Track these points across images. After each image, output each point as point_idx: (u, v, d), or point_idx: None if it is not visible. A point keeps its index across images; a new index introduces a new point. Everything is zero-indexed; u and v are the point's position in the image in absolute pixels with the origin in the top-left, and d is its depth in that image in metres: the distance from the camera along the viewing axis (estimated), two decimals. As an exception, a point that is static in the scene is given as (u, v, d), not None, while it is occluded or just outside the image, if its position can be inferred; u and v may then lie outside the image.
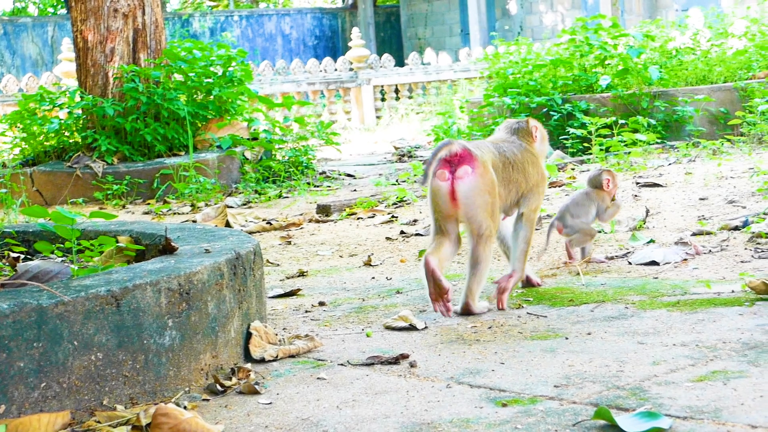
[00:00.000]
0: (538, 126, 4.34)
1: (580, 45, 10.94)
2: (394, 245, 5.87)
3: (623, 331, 3.56)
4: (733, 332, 3.42)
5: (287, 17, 30.68)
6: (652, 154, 8.92)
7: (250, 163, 9.74)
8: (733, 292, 4.00)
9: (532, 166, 4.19)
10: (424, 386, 3.08)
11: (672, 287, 4.22)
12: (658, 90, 10.24)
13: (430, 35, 30.30)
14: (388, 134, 16.26)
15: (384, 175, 9.85)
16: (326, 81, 19.15)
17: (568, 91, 10.66)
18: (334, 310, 4.26)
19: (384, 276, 4.97)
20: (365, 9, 30.54)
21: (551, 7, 27.79)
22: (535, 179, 4.19)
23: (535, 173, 4.20)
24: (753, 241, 5.06)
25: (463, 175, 3.87)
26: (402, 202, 7.50)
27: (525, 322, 3.81)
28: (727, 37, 11.81)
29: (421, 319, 3.94)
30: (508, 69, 10.93)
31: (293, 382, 3.23)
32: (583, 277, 4.59)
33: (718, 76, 10.85)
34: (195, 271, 3.24)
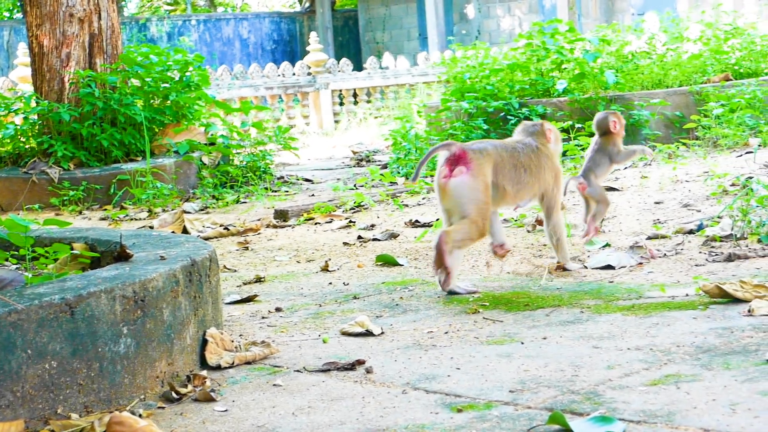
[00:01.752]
0: (552, 128, 4.70)
1: (536, 49, 10.97)
2: (352, 250, 5.87)
3: (578, 336, 3.58)
4: (687, 336, 3.44)
5: (245, 21, 30.61)
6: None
7: (208, 168, 9.71)
8: (688, 296, 4.03)
9: (546, 165, 4.59)
10: (380, 392, 3.09)
11: (627, 291, 4.25)
12: (614, 94, 10.29)
13: (388, 39, 30.32)
14: (347, 139, 16.26)
15: (342, 180, 9.85)
16: (284, 85, 19.12)
17: (525, 96, 10.68)
18: (291, 316, 4.26)
19: (341, 281, 4.97)
20: (323, 13, 30.52)
21: (509, 12, 27.88)
22: (549, 176, 4.60)
23: (549, 171, 4.60)
24: (707, 244, 5.10)
25: (457, 174, 4.31)
26: (360, 207, 7.50)
27: (481, 327, 3.82)
28: (682, 42, 11.89)
29: (377, 324, 3.94)
30: (465, 73, 10.94)
31: (249, 389, 3.22)
32: (543, 279, 4.61)
33: (674, 80, 10.92)
34: (150, 278, 3.23)
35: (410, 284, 4.74)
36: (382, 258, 5.39)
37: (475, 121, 10.26)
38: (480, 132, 10.17)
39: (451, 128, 10.37)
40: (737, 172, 7.30)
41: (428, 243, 5.85)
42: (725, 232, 5.20)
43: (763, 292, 3.82)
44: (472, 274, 4.92)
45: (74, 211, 8.78)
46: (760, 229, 5.07)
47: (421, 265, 5.27)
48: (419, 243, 5.89)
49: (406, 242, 5.99)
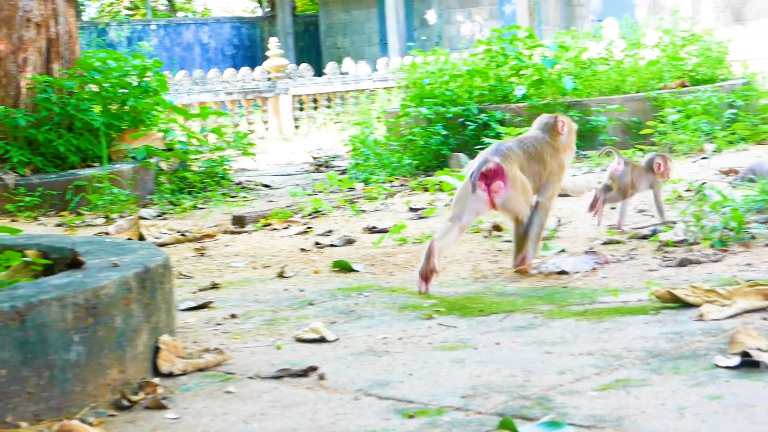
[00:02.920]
0: (566, 121, 4.97)
1: (495, 55, 11.00)
2: (309, 256, 5.87)
3: (531, 341, 3.59)
4: (638, 341, 3.47)
5: (205, 27, 30.53)
6: (566, 163, 8.99)
7: (166, 174, 9.68)
8: (640, 301, 4.06)
9: (551, 157, 4.87)
10: (332, 398, 3.09)
11: (580, 296, 4.28)
12: (572, 100, 10.34)
13: (349, 45, 30.32)
14: (307, 144, 16.24)
15: (301, 186, 9.84)
16: (244, 90, 19.07)
17: (484, 101, 10.71)
18: (246, 323, 4.25)
19: (297, 287, 4.97)
20: (284, 18, 30.49)
21: (469, 17, 27.96)
22: (552, 168, 4.87)
23: (553, 162, 4.87)
24: (661, 249, 5.15)
25: (498, 190, 4.62)
26: (318, 213, 7.49)
27: (435, 333, 3.83)
28: (640, 48, 11.96)
29: (332, 330, 3.94)
30: (425, 79, 10.96)
31: (201, 396, 3.22)
32: (495, 285, 4.64)
33: (631, 87, 10.99)
34: (102, 286, 3.21)
35: (366, 290, 4.75)
36: (339, 264, 5.39)
37: (434, 126, 10.28)
38: (439, 138, 10.20)
39: (410, 134, 10.39)
40: (692, 177, 7.36)
41: (385, 248, 5.86)
42: (679, 238, 5.24)
43: (714, 296, 3.85)
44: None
45: (30, 217, 8.72)
46: (713, 235, 5.12)
47: (377, 271, 5.28)
48: (376, 249, 5.90)
49: (363, 248, 6.00)
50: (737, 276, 4.39)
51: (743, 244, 5.03)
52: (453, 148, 10.23)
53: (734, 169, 7.46)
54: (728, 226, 5.14)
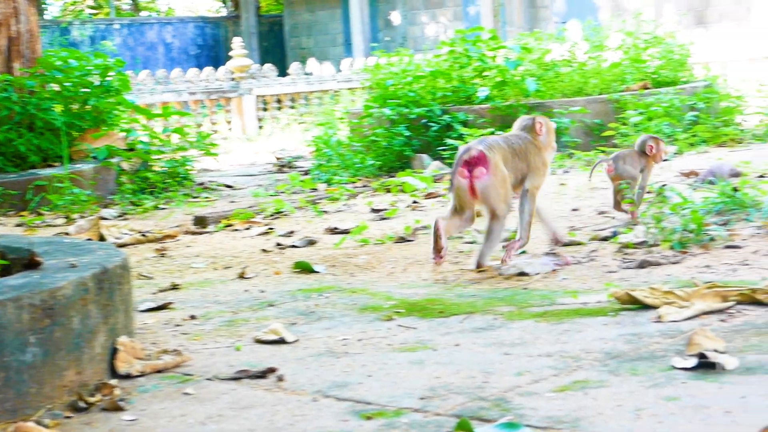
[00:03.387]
0: (543, 122, 5.19)
1: (459, 57, 11.01)
2: (270, 257, 5.85)
3: (491, 342, 3.60)
4: (597, 342, 3.48)
5: (169, 26, 30.42)
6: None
7: (127, 174, 9.63)
8: (599, 303, 4.08)
9: (534, 154, 5.09)
10: (290, 400, 3.08)
11: (540, 298, 4.29)
12: (535, 102, 10.37)
13: (313, 45, 30.29)
14: (270, 144, 16.21)
15: (263, 186, 9.82)
16: (208, 90, 19.02)
17: (447, 103, 10.72)
18: (205, 324, 4.23)
19: (257, 288, 4.95)
20: (248, 18, 30.42)
21: (433, 18, 28.00)
22: (536, 164, 5.08)
23: (536, 159, 5.09)
24: (621, 251, 5.17)
25: (480, 176, 4.83)
26: (279, 214, 7.47)
27: (395, 334, 3.83)
28: (603, 50, 12.00)
29: (292, 332, 3.93)
30: (388, 80, 10.95)
31: (159, 397, 3.20)
32: (456, 287, 4.64)
33: (594, 88, 11.03)
34: (59, 287, 3.19)
35: (326, 291, 4.74)
36: (300, 265, 5.38)
37: (397, 127, 10.28)
38: (402, 138, 10.20)
39: (373, 135, 10.39)
40: (653, 179, 7.38)
41: (346, 249, 5.86)
42: (639, 239, 5.27)
43: (672, 298, 3.87)
44: (389, 281, 4.93)
45: (-10, 217, 8.66)
46: (673, 236, 5.14)
47: (338, 272, 5.27)
48: (337, 250, 5.89)
49: (324, 249, 5.99)
50: (696, 278, 4.41)
51: (702, 246, 5.06)
52: (416, 149, 10.23)
53: (695, 171, 7.51)
54: (688, 228, 5.17)
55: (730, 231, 5.32)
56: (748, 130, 10.58)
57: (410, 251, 5.66)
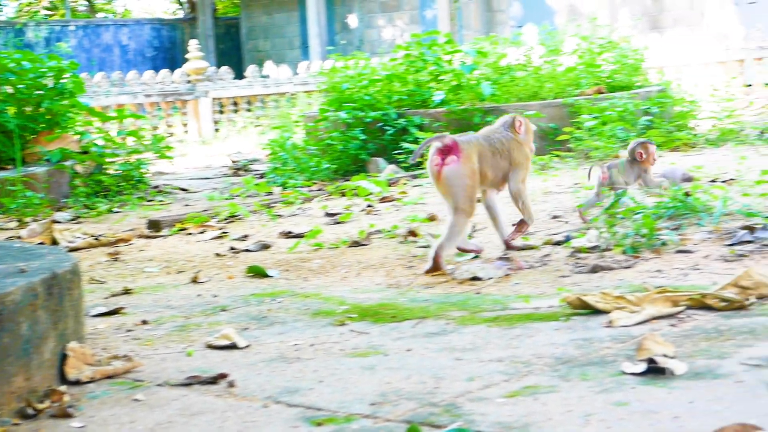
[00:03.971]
0: (523, 121, 5.37)
1: (414, 60, 11.03)
2: (223, 261, 5.83)
3: (442, 347, 3.60)
4: (548, 347, 3.49)
5: (125, 28, 30.27)
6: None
7: (81, 177, 9.57)
8: (551, 307, 4.09)
9: (516, 151, 5.27)
10: (241, 406, 3.07)
11: (493, 302, 4.30)
12: (490, 106, 10.39)
13: (270, 48, 30.25)
14: (226, 147, 16.16)
15: (219, 190, 9.79)
16: (163, 93, 18.94)
17: (403, 106, 10.73)
18: (157, 329, 4.21)
19: (210, 293, 4.93)
20: (205, 21, 30.32)
21: (390, 22, 28.03)
22: (518, 160, 5.27)
23: (519, 155, 5.28)
24: (574, 255, 5.19)
25: (450, 162, 4.96)
26: (234, 218, 7.45)
27: (347, 339, 3.82)
28: (558, 55, 12.06)
29: (244, 337, 3.92)
30: (344, 83, 10.95)
31: (108, 404, 3.18)
32: (409, 291, 4.64)
33: (549, 93, 11.07)
34: (7, 292, 3.16)
35: (279, 296, 4.73)
36: (253, 269, 5.37)
37: (352, 131, 10.28)
38: (357, 142, 10.20)
39: (328, 138, 10.38)
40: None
41: (300, 254, 5.85)
42: (592, 244, 5.29)
43: (623, 303, 3.89)
44: (342, 286, 4.92)
45: (-59, 220, 8.57)
46: (625, 241, 5.17)
47: (292, 276, 5.26)
48: (291, 254, 5.88)
49: (278, 253, 5.98)
50: (647, 282, 4.44)
51: (654, 251, 5.09)
52: (372, 153, 10.24)
53: (648, 176, 7.54)
54: (640, 233, 5.20)
55: (682, 236, 5.35)
56: (701, 135, 10.66)
57: (364, 255, 5.66)
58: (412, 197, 7.66)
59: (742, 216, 5.66)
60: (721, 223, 5.55)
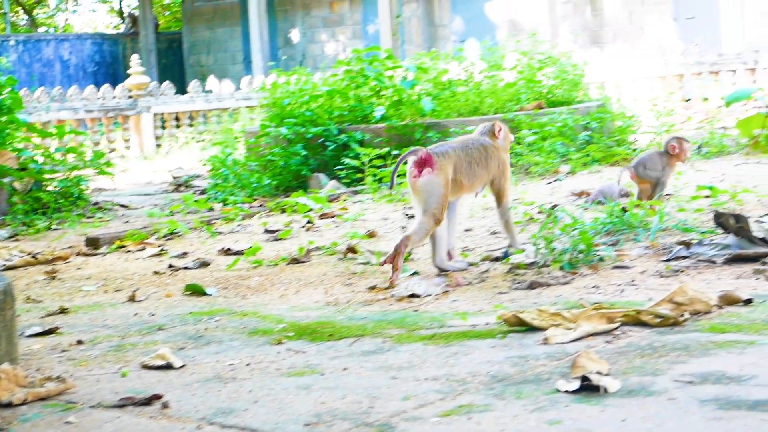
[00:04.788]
0: (502, 127, 5.59)
1: (355, 76, 11.03)
2: (162, 279, 5.80)
3: (379, 366, 3.60)
4: (484, 365, 3.50)
5: (66, 43, 30.01)
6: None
7: (19, 194, 9.48)
8: (488, 324, 4.10)
9: (493, 157, 5.46)
10: (174, 427, 3.04)
11: (430, 320, 4.30)
12: (431, 121, 10.41)
13: (213, 63, 30.13)
14: (168, 163, 16.08)
15: (159, 206, 9.74)
16: (105, 108, 18.80)
17: (344, 122, 10.72)
18: (92, 349, 4.17)
19: (148, 312, 4.90)
20: (147, 35, 30.15)
21: (333, 37, 28.03)
22: (495, 169, 5.46)
23: (495, 162, 5.46)
24: (512, 272, 5.21)
25: (425, 174, 5.18)
26: (173, 235, 7.41)
27: (284, 359, 3.81)
28: (499, 70, 12.11)
29: (179, 356, 3.89)
30: (285, 99, 10.92)
31: (40, 426, 3.14)
32: (347, 309, 4.64)
33: (489, 108, 11.11)
34: (-63, 314, 3.12)
35: (217, 314, 4.71)
36: (191, 287, 5.34)
37: (293, 146, 10.26)
38: (299, 158, 10.19)
39: (269, 154, 10.35)
40: (546, 199, 7.48)
41: (239, 271, 5.83)
42: (529, 260, 5.31)
43: (559, 320, 3.91)
44: (281, 304, 4.91)
45: None
46: (563, 257, 5.20)
47: (230, 294, 5.24)
48: (230, 271, 5.85)
49: (217, 270, 5.95)
50: (584, 298, 4.46)
51: (592, 267, 5.12)
52: (313, 169, 10.23)
53: (586, 192, 7.60)
54: (577, 249, 5.23)
55: (619, 251, 5.40)
56: (640, 149, 10.73)
57: (303, 273, 5.65)
58: (353, 213, 7.66)
59: (678, 231, 5.72)
60: (658, 239, 5.61)
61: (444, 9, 26.59)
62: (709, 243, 5.22)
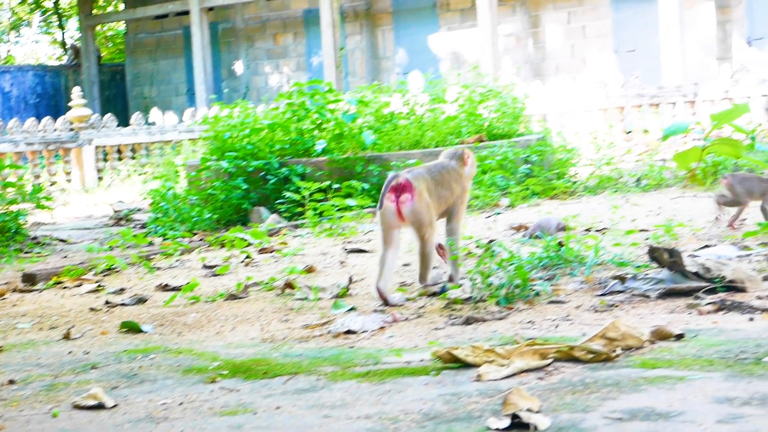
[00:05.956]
0: (470, 155, 5.80)
1: (297, 109, 11.03)
2: (98, 316, 5.75)
3: (312, 404, 3.59)
4: (417, 403, 3.50)
5: (7, 74, 29.81)
6: (365, 218, 9.05)
7: (-45, 229, 9.38)
8: (422, 361, 4.10)
9: (456, 183, 5.65)
10: (103, 470, 3.02)
11: (365, 357, 4.29)
12: (372, 154, 10.44)
13: (156, 94, 30.05)
14: (109, 196, 15.99)
15: (99, 240, 9.67)
16: (46, 141, 18.68)
17: (285, 155, 10.71)
18: (24, 389, 4.12)
19: (82, 350, 4.85)
20: (89, 67, 30.01)
21: (277, 69, 28.06)
22: (458, 192, 5.66)
23: (458, 188, 5.66)
24: (449, 307, 5.21)
25: (405, 201, 5.34)
26: (111, 270, 7.36)
27: (217, 397, 3.79)
28: (441, 103, 12.17)
29: (112, 396, 3.86)
30: (226, 132, 10.90)
31: (-33, 470, 3.10)
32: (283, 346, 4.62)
33: (430, 141, 11.15)
34: None
35: (152, 352, 4.67)
36: (127, 324, 5.30)
37: (234, 180, 10.24)
38: (240, 192, 10.16)
39: (210, 188, 10.32)
40: (484, 233, 7.51)
41: (176, 307, 5.79)
42: (466, 295, 5.32)
43: (493, 356, 3.92)
44: (217, 341, 4.89)
45: None
46: (499, 292, 5.21)
47: (167, 332, 5.20)
48: (167, 308, 5.82)
49: (154, 307, 5.92)
50: (519, 334, 4.48)
51: (528, 302, 5.14)
52: (254, 202, 10.21)
53: (524, 225, 7.64)
54: (513, 284, 5.25)
55: (555, 286, 5.43)
56: (580, 182, 10.82)
57: (240, 309, 5.63)
58: (292, 248, 7.64)
59: (614, 265, 5.76)
60: (594, 273, 5.65)
61: (388, 41, 26.72)
62: (644, 277, 5.26)
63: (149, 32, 30.34)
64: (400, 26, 26.41)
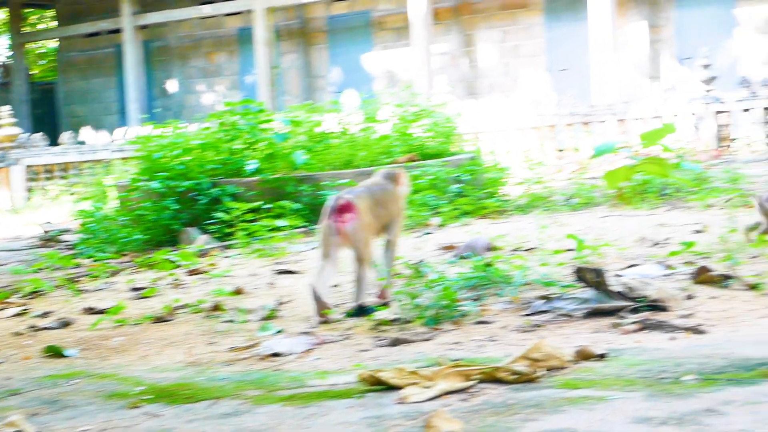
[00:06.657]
0: (403, 174, 6.00)
1: (229, 129, 10.98)
2: (21, 341, 5.67)
3: (235, 429, 3.56)
4: (340, 426, 3.48)
5: (-64, 93, 29.46)
6: (296, 239, 9.01)
7: None
8: (347, 384, 4.08)
9: (393, 203, 5.85)
10: (19, 500, 2.97)
11: (290, 380, 4.27)
12: (304, 174, 10.42)
13: (88, 113, 29.81)
14: (38, 217, 15.81)
15: (26, 262, 9.55)
16: (-26, 161, 18.48)
17: (217, 175, 10.65)
18: (-58, 417, 4.06)
19: (3, 376, 4.77)
20: (20, 85, 29.73)
21: (210, 87, 27.97)
22: (395, 211, 5.87)
23: (395, 207, 5.87)
24: (376, 328, 5.20)
25: (348, 220, 5.47)
26: (36, 293, 7.27)
27: (139, 423, 3.74)
28: (373, 122, 12.18)
29: (33, 423, 3.80)
30: (156, 152, 10.81)
31: None
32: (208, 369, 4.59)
33: (363, 161, 11.15)
34: None
35: (75, 377, 4.61)
36: (50, 349, 5.23)
37: (165, 201, 10.16)
38: (170, 212, 10.09)
39: (140, 209, 10.23)
40: (414, 254, 7.51)
41: (102, 331, 5.73)
42: (394, 316, 5.32)
43: (417, 378, 3.91)
44: (142, 365, 4.84)
45: None
46: (426, 313, 5.21)
47: (91, 356, 5.14)
48: (92, 331, 5.76)
49: (79, 330, 5.85)
50: (445, 355, 4.48)
51: (455, 322, 5.15)
52: (185, 223, 10.13)
53: (454, 245, 7.66)
54: (441, 304, 5.25)
55: (482, 306, 5.44)
56: (511, 201, 10.87)
57: (167, 332, 5.58)
58: (222, 269, 7.60)
59: (540, 285, 5.79)
60: (521, 293, 5.67)
61: (322, 60, 26.75)
62: (570, 297, 5.29)
63: (81, 50, 30.12)
64: (334, 45, 26.47)
